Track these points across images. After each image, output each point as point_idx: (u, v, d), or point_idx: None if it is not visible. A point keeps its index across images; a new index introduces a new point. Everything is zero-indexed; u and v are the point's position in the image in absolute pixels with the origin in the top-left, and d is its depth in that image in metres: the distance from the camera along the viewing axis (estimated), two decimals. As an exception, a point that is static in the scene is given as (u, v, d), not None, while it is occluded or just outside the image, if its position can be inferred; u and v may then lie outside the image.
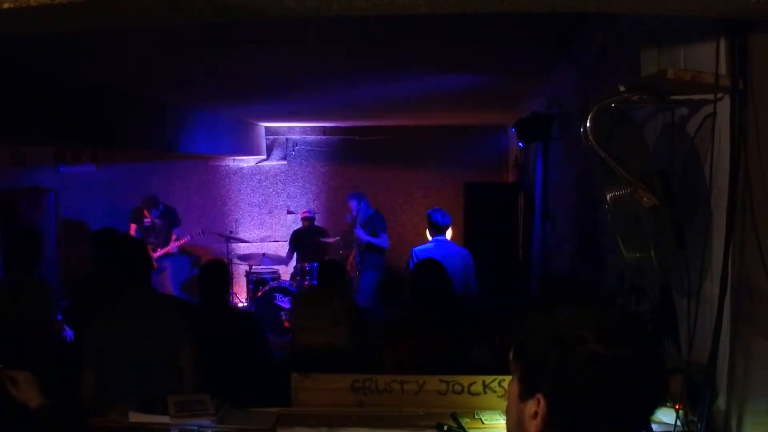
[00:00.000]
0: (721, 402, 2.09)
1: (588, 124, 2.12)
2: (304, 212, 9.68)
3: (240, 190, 10.82)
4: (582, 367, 1.20)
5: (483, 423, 2.48)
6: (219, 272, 4.48)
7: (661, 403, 1.29)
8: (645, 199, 2.08)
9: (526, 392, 1.27)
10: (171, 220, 9.34)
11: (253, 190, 10.84)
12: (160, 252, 8.95)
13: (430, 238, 6.44)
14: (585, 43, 4.22)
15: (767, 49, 1.91)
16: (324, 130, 10.79)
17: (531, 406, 1.25)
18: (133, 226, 9.13)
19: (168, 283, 8.94)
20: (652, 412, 1.28)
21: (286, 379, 2.72)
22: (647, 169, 2.16)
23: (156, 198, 9.34)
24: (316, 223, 9.82)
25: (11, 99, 4.89)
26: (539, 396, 1.23)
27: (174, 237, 9.20)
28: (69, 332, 4.76)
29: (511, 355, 1.33)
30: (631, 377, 1.21)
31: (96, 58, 5.00)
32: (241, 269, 9.74)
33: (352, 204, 9.02)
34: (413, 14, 1.82)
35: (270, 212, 10.78)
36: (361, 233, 8.78)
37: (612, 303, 3.12)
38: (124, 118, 6.75)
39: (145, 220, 9.10)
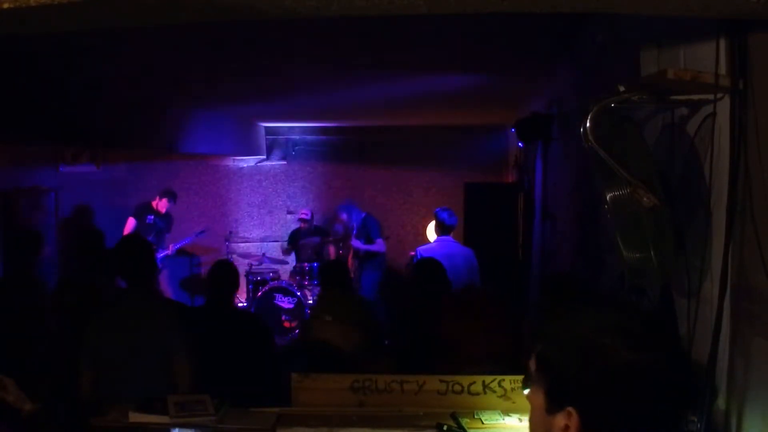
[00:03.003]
0: (721, 402, 2.09)
1: (588, 124, 2.12)
2: (302, 214, 9.65)
3: (240, 190, 10.82)
4: (614, 378, 1.18)
5: (483, 423, 2.48)
6: (227, 273, 4.47)
7: (690, 403, 1.26)
8: (645, 199, 2.08)
9: (554, 405, 1.24)
10: (168, 225, 9.28)
11: (253, 190, 10.84)
12: (157, 253, 8.80)
13: (432, 237, 6.45)
14: (585, 43, 4.22)
15: (767, 49, 1.91)
16: (324, 130, 10.78)
17: (561, 420, 1.22)
18: (132, 221, 8.90)
19: (164, 284, 8.91)
20: (682, 413, 1.26)
21: (293, 369, 2.73)
22: (647, 169, 2.16)
23: (174, 193, 9.25)
24: (315, 223, 9.81)
25: (11, 99, 4.89)
26: (570, 409, 1.20)
27: (170, 244, 9.11)
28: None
29: (532, 366, 1.30)
30: (662, 382, 1.19)
31: (96, 58, 5.00)
32: (241, 269, 9.73)
33: (343, 217, 9.01)
34: (413, 14, 1.81)
35: (270, 212, 10.78)
36: (358, 244, 8.77)
37: (631, 304, 3.07)
38: (123, 118, 6.75)
39: (149, 216, 9.00)
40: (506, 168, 10.28)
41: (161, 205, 9.09)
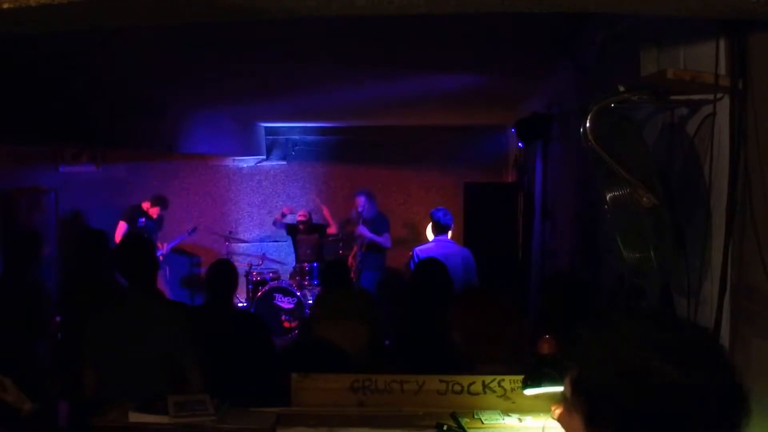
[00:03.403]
0: (720, 402, 2.08)
1: (588, 124, 2.12)
2: (300, 216, 9.62)
3: (240, 190, 10.82)
4: (664, 401, 1.09)
5: (483, 423, 2.47)
6: (226, 273, 4.46)
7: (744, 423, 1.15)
8: (644, 199, 2.08)
9: None
10: (159, 226, 9.28)
11: (252, 190, 10.84)
12: None
13: (431, 237, 6.47)
14: (585, 43, 4.22)
15: (767, 49, 1.91)
16: (324, 130, 10.78)
17: None
18: (123, 224, 8.89)
19: (163, 283, 8.91)
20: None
21: (293, 369, 2.72)
22: (647, 169, 2.16)
23: (166, 199, 9.28)
24: (314, 221, 9.81)
25: (11, 99, 4.88)
26: None
27: (159, 245, 9.11)
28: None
29: (567, 390, 1.23)
30: (715, 402, 1.10)
31: (96, 58, 5.00)
32: (241, 269, 9.71)
33: (361, 200, 8.99)
34: (413, 14, 1.82)
35: (270, 212, 10.76)
36: (364, 230, 8.81)
37: (673, 318, 2.98)
38: (123, 118, 6.75)
39: (140, 219, 9.01)
40: (506, 168, 10.28)
41: (153, 212, 9.09)
